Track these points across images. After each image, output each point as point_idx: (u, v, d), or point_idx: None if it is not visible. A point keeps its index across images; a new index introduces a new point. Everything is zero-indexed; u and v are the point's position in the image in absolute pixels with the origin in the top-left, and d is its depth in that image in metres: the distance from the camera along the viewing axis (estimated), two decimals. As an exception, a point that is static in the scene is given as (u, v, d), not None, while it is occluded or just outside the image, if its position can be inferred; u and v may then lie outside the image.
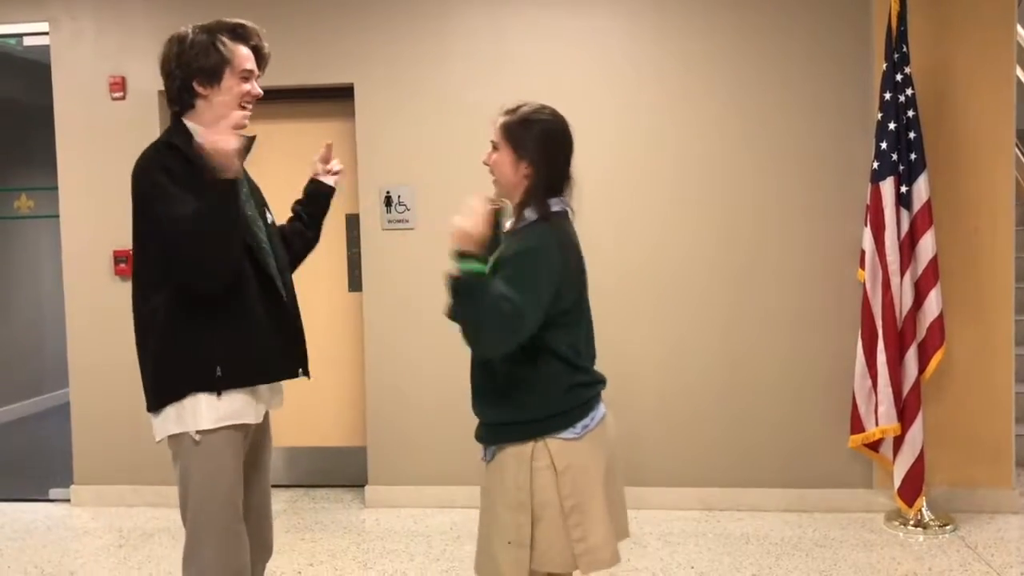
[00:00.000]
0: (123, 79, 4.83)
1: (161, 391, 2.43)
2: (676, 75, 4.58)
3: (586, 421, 2.27)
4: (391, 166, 4.73)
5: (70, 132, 4.90)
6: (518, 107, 2.30)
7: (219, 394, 2.41)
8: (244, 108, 2.49)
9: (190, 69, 2.42)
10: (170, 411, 2.43)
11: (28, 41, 5.06)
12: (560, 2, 4.62)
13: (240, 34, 2.49)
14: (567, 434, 2.25)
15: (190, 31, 2.45)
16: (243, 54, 2.47)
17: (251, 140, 2.52)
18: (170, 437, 2.45)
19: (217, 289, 2.36)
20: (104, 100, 4.86)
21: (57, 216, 4.96)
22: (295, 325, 2.62)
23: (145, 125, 4.80)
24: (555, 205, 2.29)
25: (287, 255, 2.70)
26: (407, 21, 4.69)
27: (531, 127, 2.26)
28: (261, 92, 2.52)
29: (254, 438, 2.63)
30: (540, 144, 2.25)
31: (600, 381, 2.37)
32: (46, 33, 4.90)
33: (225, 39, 2.44)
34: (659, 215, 4.60)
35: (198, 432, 2.41)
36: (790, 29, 4.50)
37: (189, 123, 2.48)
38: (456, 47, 4.68)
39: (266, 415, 2.66)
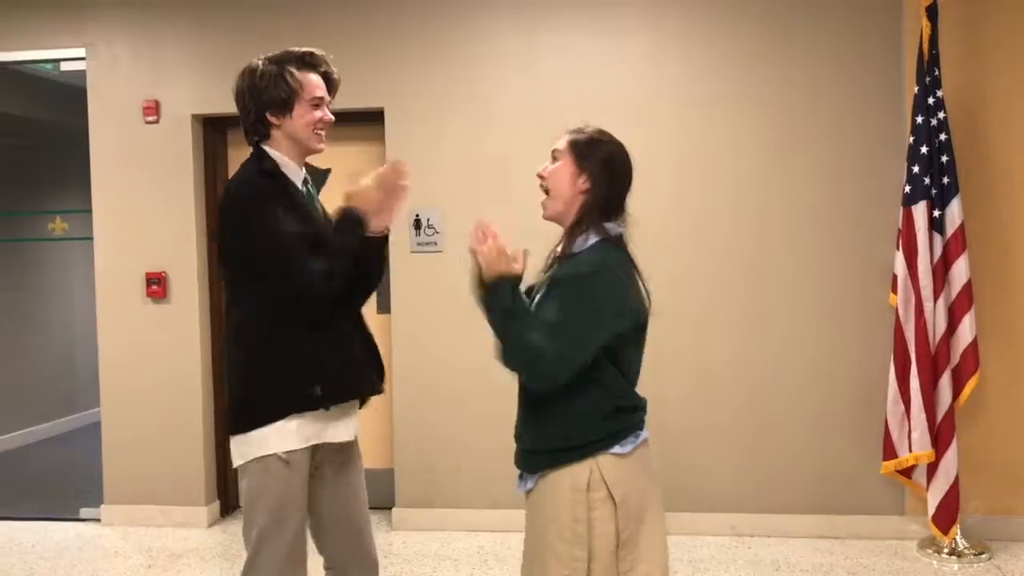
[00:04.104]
0: (157, 103, 4.91)
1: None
2: (703, 101, 4.58)
3: (632, 438, 2.22)
4: (420, 189, 4.73)
5: (104, 155, 4.98)
6: (586, 127, 2.30)
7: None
8: (318, 134, 2.53)
9: (261, 101, 2.46)
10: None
11: (65, 66, 5.16)
12: (592, 27, 4.63)
13: (309, 62, 2.52)
14: (617, 449, 2.17)
15: (260, 63, 2.48)
16: (313, 82, 2.50)
17: (326, 173, 2.62)
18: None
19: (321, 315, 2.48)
20: (138, 124, 4.93)
21: (90, 238, 5.03)
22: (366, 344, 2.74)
23: (178, 149, 4.88)
24: (612, 229, 2.24)
25: None
26: (437, 48, 4.73)
27: (598, 147, 2.25)
28: (332, 118, 2.55)
29: (334, 462, 2.68)
30: (604, 164, 2.23)
31: (642, 406, 2.30)
32: (83, 58, 4.99)
33: (293, 69, 2.47)
34: (686, 242, 4.59)
35: (258, 459, 2.46)
36: (820, 53, 4.49)
37: (269, 150, 2.51)
38: (485, 72, 4.71)
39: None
